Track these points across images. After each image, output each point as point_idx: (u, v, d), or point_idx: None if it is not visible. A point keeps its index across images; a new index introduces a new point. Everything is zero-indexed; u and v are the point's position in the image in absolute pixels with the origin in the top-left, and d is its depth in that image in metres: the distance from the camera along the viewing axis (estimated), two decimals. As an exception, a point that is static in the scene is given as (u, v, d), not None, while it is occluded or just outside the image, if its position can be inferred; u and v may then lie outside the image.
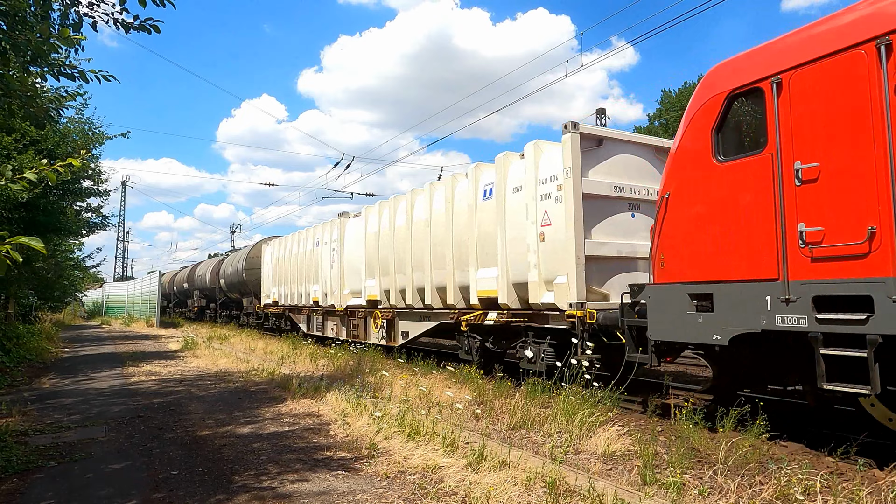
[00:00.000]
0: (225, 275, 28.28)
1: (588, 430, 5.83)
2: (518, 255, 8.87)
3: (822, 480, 4.32)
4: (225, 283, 28.40)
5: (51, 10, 4.81)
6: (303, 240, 18.45)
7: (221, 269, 29.26)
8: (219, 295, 30.26)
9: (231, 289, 27.68)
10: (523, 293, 8.88)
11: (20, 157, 9.88)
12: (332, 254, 15.72)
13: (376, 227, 13.29)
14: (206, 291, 32.59)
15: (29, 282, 18.52)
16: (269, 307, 21.68)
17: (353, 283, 14.81)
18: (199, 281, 33.53)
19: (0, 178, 3.15)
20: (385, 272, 12.72)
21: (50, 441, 6.14)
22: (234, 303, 29.00)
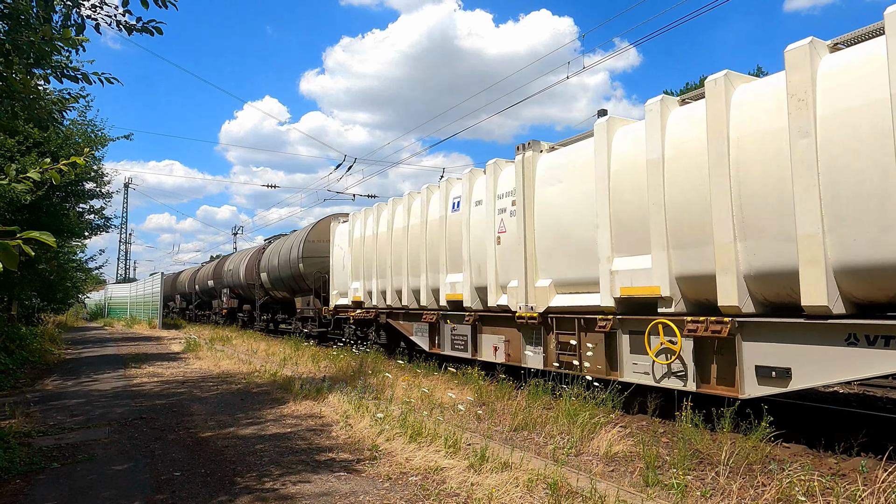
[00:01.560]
0: (269, 267, 21.52)
1: (590, 431, 5.82)
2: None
3: (824, 482, 4.32)
4: (268, 279, 21.76)
5: (53, 12, 4.84)
6: (417, 205, 11.87)
7: (263, 260, 22.61)
8: (258, 293, 23.62)
9: (278, 285, 20.98)
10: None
11: (23, 160, 9.92)
12: (503, 217, 9.26)
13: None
14: (238, 290, 26.21)
15: (32, 283, 18.53)
16: (345, 310, 14.84)
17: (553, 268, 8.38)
18: (229, 277, 27.20)
19: (4, 178, 3.16)
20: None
21: (53, 442, 6.15)
22: (280, 304, 22.71)
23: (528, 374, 8.04)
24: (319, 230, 18.15)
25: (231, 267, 27.11)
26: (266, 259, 22.06)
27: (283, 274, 19.85)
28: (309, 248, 18.11)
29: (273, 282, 21.21)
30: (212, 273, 30.63)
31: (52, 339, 19.41)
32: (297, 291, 19.38)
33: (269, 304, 23.66)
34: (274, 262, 20.81)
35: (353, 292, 14.34)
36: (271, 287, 21.68)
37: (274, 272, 20.77)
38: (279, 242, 21.55)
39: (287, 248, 19.70)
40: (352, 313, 14.36)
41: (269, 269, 21.18)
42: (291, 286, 19.65)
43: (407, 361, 10.77)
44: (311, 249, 17.98)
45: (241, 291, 25.94)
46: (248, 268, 24.36)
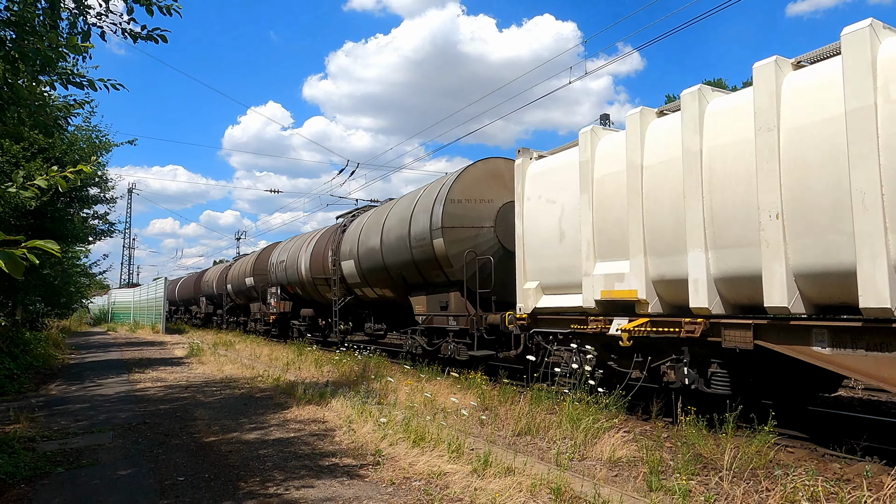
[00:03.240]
0: (361, 251, 14.00)
1: (593, 436, 5.82)
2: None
3: (828, 487, 4.30)
4: (358, 268, 14.13)
5: (59, 19, 4.88)
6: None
7: (346, 241, 15.10)
8: (337, 291, 15.62)
9: (376, 277, 13.54)
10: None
11: (28, 166, 9.98)
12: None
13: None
14: (296, 288, 18.87)
15: (36, 289, 18.58)
16: (573, 320, 7.96)
17: None
18: (279, 271, 19.77)
19: (11, 186, 3.19)
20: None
21: (57, 447, 6.17)
22: (375, 306, 14.94)
23: (530, 377, 8.03)
24: (468, 184, 10.77)
25: (283, 258, 19.66)
26: (353, 239, 14.34)
27: (393, 259, 12.29)
28: (452, 212, 10.55)
29: (367, 273, 13.66)
30: (251, 268, 23.37)
31: (56, 343, 19.45)
32: (418, 286, 12.05)
33: (351, 306, 15.74)
34: (372, 243, 13.19)
35: (598, 283, 7.39)
36: (362, 281, 14.00)
37: (371, 258, 13.33)
38: (376, 213, 14.06)
39: (400, 217, 12.22)
40: (606, 325, 7.30)
41: (362, 254, 13.75)
42: (405, 277, 12.28)
43: (410, 365, 10.77)
44: (456, 215, 10.55)
45: (300, 290, 18.35)
46: (317, 255, 16.77)
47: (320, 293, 17.25)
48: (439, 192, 10.97)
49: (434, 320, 11.34)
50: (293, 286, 19.16)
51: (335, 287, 15.60)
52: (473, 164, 11.07)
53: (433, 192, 11.33)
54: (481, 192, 10.76)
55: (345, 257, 14.89)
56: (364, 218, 14.91)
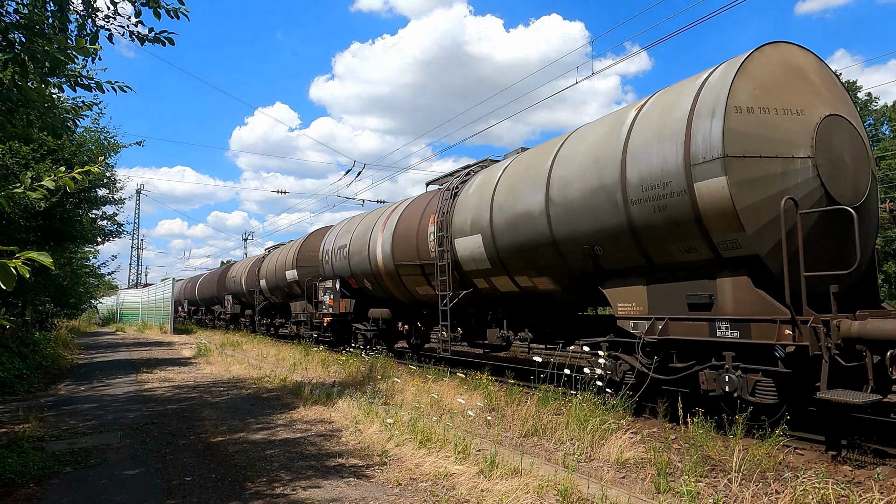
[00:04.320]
0: (505, 214, 8.75)
1: (600, 437, 5.79)
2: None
3: (839, 490, 4.26)
4: (498, 246, 8.95)
5: (68, 22, 4.91)
6: None
7: (464, 204, 10.09)
8: (449, 279, 10.40)
9: (527, 260, 8.51)
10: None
11: (38, 167, 10.05)
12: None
13: None
14: (365, 280, 13.81)
15: (45, 289, 18.74)
16: None
17: None
18: (338, 261, 15.18)
19: (20, 187, 3.21)
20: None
21: (66, 447, 6.21)
22: (527, 303, 9.52)
23: (537, 378, 8.01)
24: (762, 82, 5.98)
25: (344, 242, 14.98)
26: (477, 205, 9.57)
27: (575, 227, 7.49)
28: (742, 129, 5.75)
29: (508, 253, 8.85)
30: (294, 259, 19.01)
31: (65, 343, 19.59)
32: (626, 271, 7.21)
33: (464, 304, 10.73)
34: (524, 206, 8.36)
35: None
36: (493, 267, 9.33)
37: (518, 230, 8.49)
38: (526, 160, 9.00)
39: (595, 157, 7.29)
40: None
41: (500, 225, 8.86)
42: (597, 256, 7.38)
43: (417, 365, 10.76)
44: (748, 136, 5.74)
45: (371, 284, 13.61)
46: (405, 234, 11.90)
47: (407, 287, 12.19)
48: (703, 97, 6.00)
49: (674, 329, 6.51)
50: (360, 279, 14.09)
51: (443, 277, 10.38)
52: (759, 49, 6.04)
53: (682, 101, 6.26)
54: (784, 97, 5.92)
55: (461, 232, 9.86)
56: (496, 172, 9.59)
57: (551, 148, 8.44)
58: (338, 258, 15.36)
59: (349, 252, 14.54)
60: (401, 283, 12.37)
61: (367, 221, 14.48)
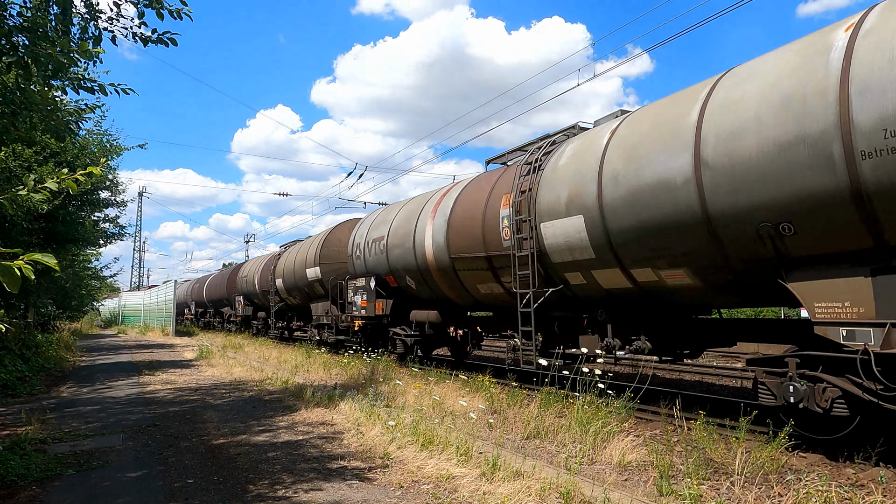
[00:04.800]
0: (636, 182, 6.52)
1: (603, 440, 5.78)
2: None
3: (842, 492, 4.25)
4: (622, 228, 6.77)
5: (71, 24, 4.92)
6: None
7: (556, 171, 8.01)
8: (532, 273, 8.31)
9: (678, 241, 6.26)
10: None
11: (40, 169, 10.07)
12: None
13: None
14: (405, 275, 12.09)
15: (48, 291, 18.80)
16: None
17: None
18: (373, 255, 13.31)
19: (23, 189, 3.22)
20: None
21: (68, 449, 6.21)
22: (649, 303, 7.44)
23: (540, 380, 8.00)
24: None
25: (380, 234, 13.12)
26: (583, 171, 7.46)
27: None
28: None
29: (636, 233, 6.69)
30: (317, 255, 17.20)
31: (68, 346, 19.61)
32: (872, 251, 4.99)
33: (549, 306, 8.62)
34: (672, 172, 6.20)
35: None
36: (602, 256, 7.33)
37: (660, 200, 6.36)
38: (666, 108, 6.76)
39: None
40: None
41: (625, 197, 6.72)
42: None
43: (418, 369, 10.76)
44: None
45: (416, 281, 11.87)
46: (468, 216, 9.99)
47: (464, 284, 10.34)
48: None
49: None
50: (401, 275, 12.29)
51: (524, 271, 8.43)
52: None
53: None
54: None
55: (551, 214, 7.82)
56: (599, 135, 7.58)
57: (695, 94, 6.28)
58: (372, 252, 13.38)
59: (387, 245, 12.64)
60: (457, 279, 10.46)
61: (410, 209, 12.37)
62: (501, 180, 9.46)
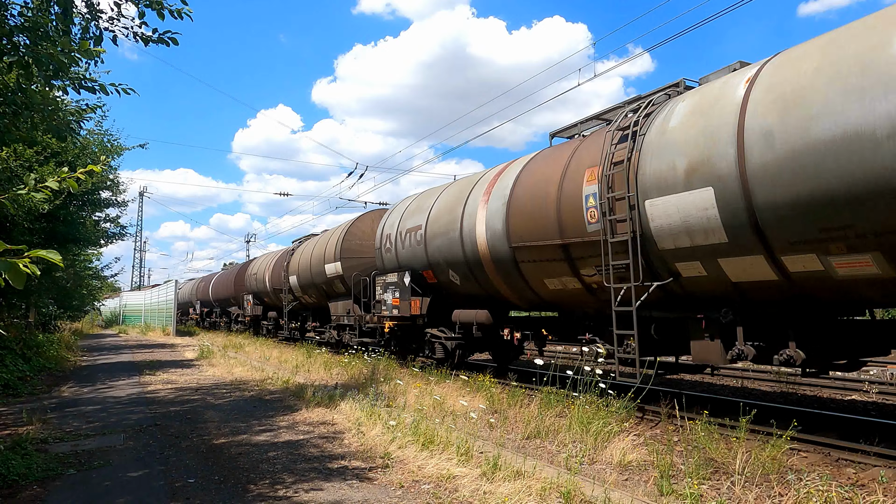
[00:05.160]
0: None
1: (603, 439, 5.78)
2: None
3: (842, 492, 4.25)
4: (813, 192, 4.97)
5: (72, 24, 4.93)
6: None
7: (676, 125, 6.38)
8: (636, 264, 6.77)
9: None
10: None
11: (41, 169, 10.08)
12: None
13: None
14: (448, 268, 10.68)
15: (49, 291, 18.81)
16: None
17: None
18: (407, 246, 12.02)
19: (24, 188, 3.22)
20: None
21: (69, 449, 6.21)
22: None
23: (539, 380, 8.00)
24: None
25: (417, 222, 11.75)
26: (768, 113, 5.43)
27: None
28: None
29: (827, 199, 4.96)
30: (338, 248, 15.70)
31: (69, 346, 19.64)
32: None
33: (654, 304, 7.07)
34: None
35: None
36: (761, 230, 5.54)
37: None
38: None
39: None
40: None
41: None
42: None
43: (419, 368, 10.76)
44: None
45: (461, 275, 10.47)
46: (542, 192, 8.33)
47: (527, 279, 8.78)
48: None
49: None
50: (442, 269, 10.77)
51: (621, 260, 6.97)
52: None
53: None
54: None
55: (662, 188, 6.40)
56: (729, 83, 6.17)
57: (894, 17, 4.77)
58: (406, 244, 11.80)
59: (426, 235, 11.10)
60: (517, 273, 8.85)
61: (455, 193, 10.83)
62: (582, 152, 7.82)
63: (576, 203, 7.55)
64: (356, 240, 15.81)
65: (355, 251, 15.63)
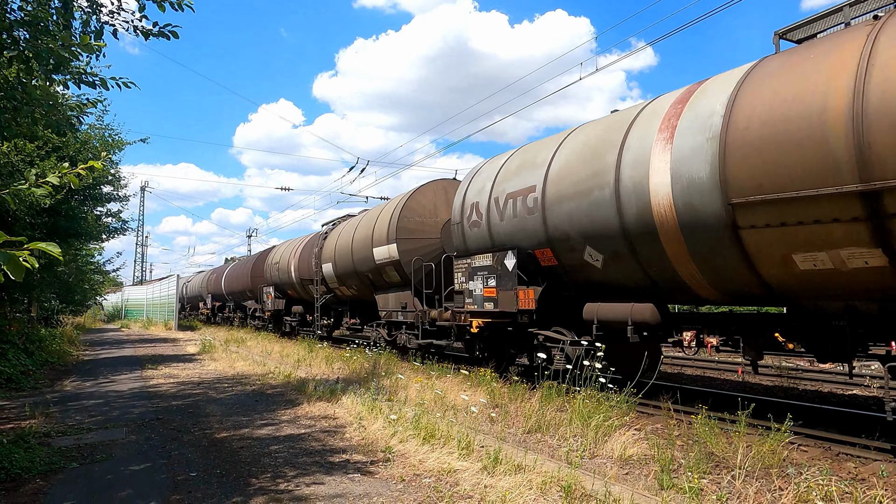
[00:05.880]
0: None
1: (604, 434, 5.79)
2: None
3: (842, 486, 4.25)
4: None
5: (72, 18, 4.92)
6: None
7: None
8: None
9: None
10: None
11: (42, 164, 10.09)
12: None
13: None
14: (594, 243, 7.37)
15: (51, 286, 18.87)
16: None
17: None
18: (510, 219, 8.80)
19: (24, 184, 3.23)
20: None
21: (72, 442, 6.24)
22: None
23: (541, 374, 8.00)
24: None
25: (522, 184, 8.71)
26: None
27: None
28: None
29: None
30: (391, 227, 12.79)
31: (71, 340, 19.68)
32: None
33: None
34: None
35: None
36: None
37: None
38: None
39: None
40: None
41: None
42: None
43: (420, 363, 10.78)
44: None
45: (608, 254, 7.32)
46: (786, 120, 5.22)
47: (750, 254, 5.81)
48: None
49: None
50: (574, 246, 7.77)
51: None
52: None
53: None
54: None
55: None
56: None
57: None
58: (508, 214, 8.84)
59: (544, 198, 8.06)
60: (733, 245, 5.84)
61: (599, 134, 7.69)
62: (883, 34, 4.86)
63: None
64: (416, 216, 12.79)
65: (414, 231, 12.73)
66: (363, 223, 14.99)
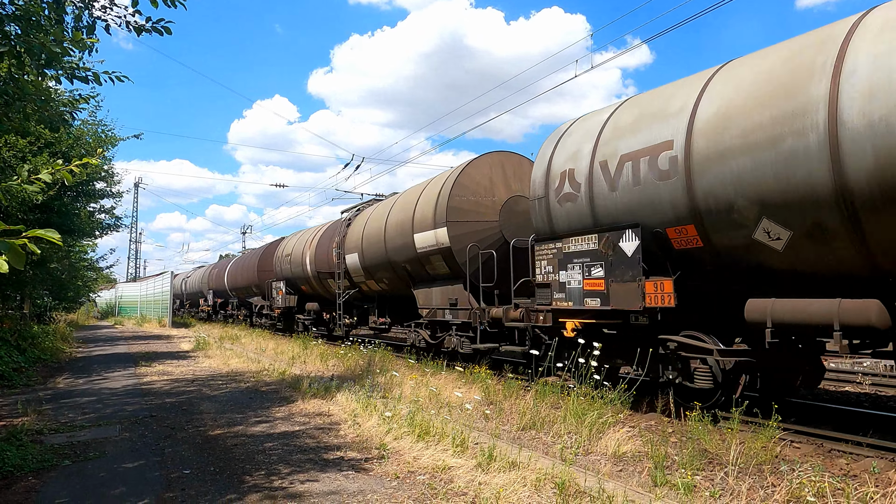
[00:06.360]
0: None
1: (598, 431, 5.81)
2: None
3: (834, 483, 4.28)
4: None
5: (64, 13, 4.88)
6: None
7: None
8: None
9: None
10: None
11: (35, 160, 10.02)
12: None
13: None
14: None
15: (44, 282, 18.74)
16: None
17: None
18: (635, 189, 6.54)
19: (16, 179, 3.20)
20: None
21: (65, 440, 6.21)
22: None
23: (535, 371, 8.02)
24: None
25: (649, 140, 6.49)
26: None
27: None
28: None
29: None
30: (440, 209, 10.77)
31: (64, 337, 19.59)
32: None
33: None
34: None
35: None
36: None
37: None
38: None
39: None
40: None
41: None
42: None
43: (415, 360, 10.78)
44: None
45: (822, 230, 5.03)
46: None
47: None
48: None
49: None
50: (736, 221, 5.69)
51: None
52: None
53: None
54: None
55: None
56: None
57: None
58: (624, 181, 6.78)
59: (690, 154, 6.00)
60: None
61: (787, 57, 5.52)
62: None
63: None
64: (469, 195, 10.69)
65: (469, 212, 10.60)
66: (398, 206, 12.92)
